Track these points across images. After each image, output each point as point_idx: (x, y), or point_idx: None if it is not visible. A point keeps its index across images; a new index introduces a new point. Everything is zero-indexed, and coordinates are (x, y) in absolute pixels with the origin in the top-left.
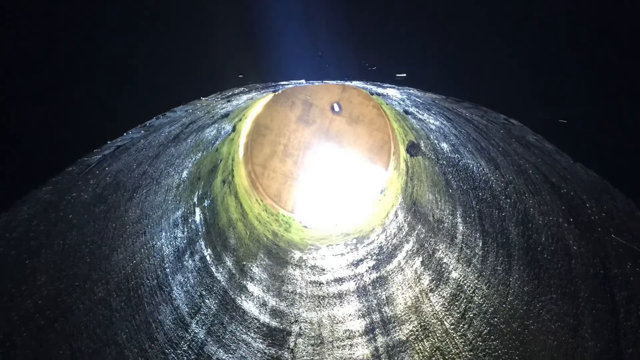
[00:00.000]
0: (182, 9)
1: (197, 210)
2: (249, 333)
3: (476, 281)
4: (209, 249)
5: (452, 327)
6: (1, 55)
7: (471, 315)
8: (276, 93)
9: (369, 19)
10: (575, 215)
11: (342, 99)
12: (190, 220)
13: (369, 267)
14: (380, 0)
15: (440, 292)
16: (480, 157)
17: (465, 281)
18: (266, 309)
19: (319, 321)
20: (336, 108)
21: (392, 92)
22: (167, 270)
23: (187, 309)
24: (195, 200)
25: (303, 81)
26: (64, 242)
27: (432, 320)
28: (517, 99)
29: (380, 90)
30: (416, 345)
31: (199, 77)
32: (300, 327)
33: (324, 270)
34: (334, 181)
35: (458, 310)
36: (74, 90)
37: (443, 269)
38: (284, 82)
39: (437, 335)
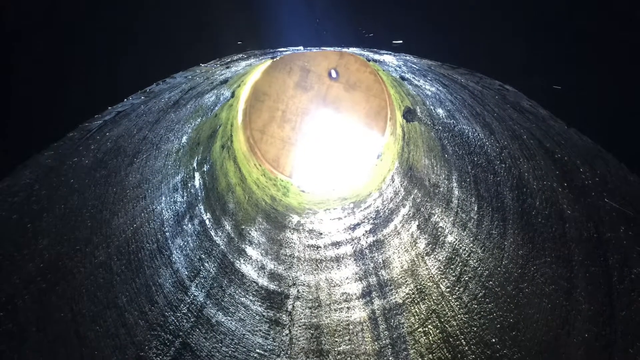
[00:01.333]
0: None
1: (197, 175)
2: (247, 296)
3: (471, 245)
4: (208, 213)
5: (448, 290)
6: (2, 22)
7: (466, 278)
8: (274, 59)
9: None
10: (569, 179)
11: (340, 66)
12: (189, 184)
13: (366, 231)
14: None
15: (436, 256)
16: (476, 122)
17: (460, 245)
18: (264, 272)
19: (316, 284)
20: (333, 74)
21: (389, 58)
22: (167, 234)
23: (186, 273)
24: (195, 165)
25: (301, 48)
26: (65, 207)
27: (428, 284)
28: (511, 65)
29: (377, 56)
30: (412, 308)
31: (198, 43)
32: (298, 290)
33: (321, 234)
34: (331, 146)
35: (454, 274)
36: (75, 56)
37: (439, 233)
38: (282, 49)
39: (433, 298)
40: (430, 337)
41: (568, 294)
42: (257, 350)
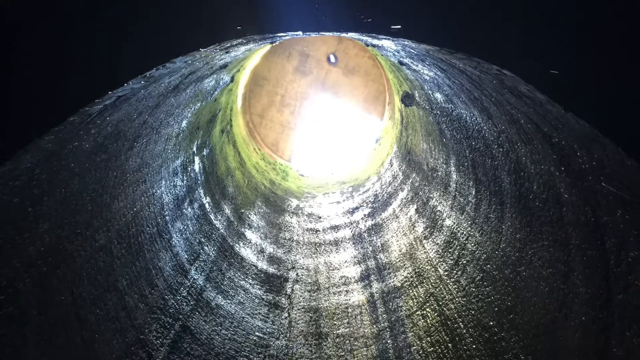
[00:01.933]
0: None
1: (196, 159)
2: (247, 279)
3: (469, 228)
4: (207, 197)
5: (446, 273)
6: (4, 5)
7: (464, 262)
8: (273, 44)
9: None
10: (567, 164)
11: (338, 50)
12: (189, 168)
13: (365, 215)
14: None
15: (434, 240)
16: (474, 107)
17: (458, 228)
18: (264, 256)
19: (315, 268)
20: (332, 59)
21: (387, 43)
22: (167, 217)
23: (186, 256)
24: (195, 149)
25: (300, 33)
26: (65, 191)
27: (426, 267)
28: (509, 50)
29: (375, 41)
30: (410, 291)
31: (198, 28)
32: (297, 274)
33: (320, 217)
34: (330, 131)
35: (452, 257)
36: (76, 41)
37: (437, 217)
38: (281, 34)
39: (431, 281)
40: (428, 320)
41: (565, 277)
42: (257, 333)
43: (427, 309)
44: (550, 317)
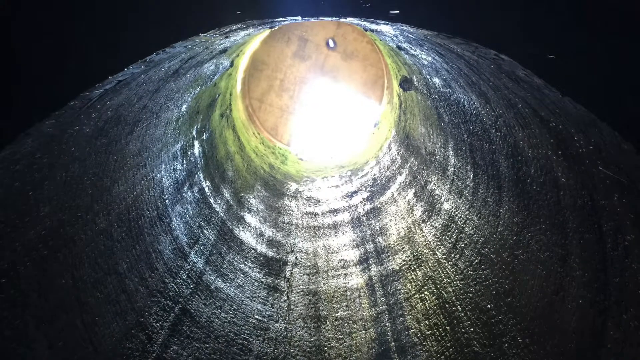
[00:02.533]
0: None
1: (196, 143)
2: (246, 263)
3: (467, 212)
4: (207, 181)
5: (444, 257)
6: None
7: (462, 245)
8: (273, 29)
9: None
10: (564, 148)
11: (337, 35)
12: (189, 153)
13: (363, 199)
14: None
15: (433, 223)
16: (471, 91)
17: (456, 212)
18: (263, 240)
19: (314, 251)
20: (331, 44)
21: (386, 28)
22: (167, 201)
23: (186, 240)
24: (194, 133)
25: (299, 18)
26: (66, 174)
27: (425, 251)
28: (506, 35)
29: (374, 26)
30: (409, 274)
31: (197, 13)
32: (296, 257)
33: (319, 201)
34: (329, 115)
35: (450, 241)
36: (77, 26)
37: (435, 201)
38: (281, 19)
39: (430, 264)
40: (426, 303)
41: (562, 260)
42: (256, 316)
43: (425, 292)
44: (548, 300)
